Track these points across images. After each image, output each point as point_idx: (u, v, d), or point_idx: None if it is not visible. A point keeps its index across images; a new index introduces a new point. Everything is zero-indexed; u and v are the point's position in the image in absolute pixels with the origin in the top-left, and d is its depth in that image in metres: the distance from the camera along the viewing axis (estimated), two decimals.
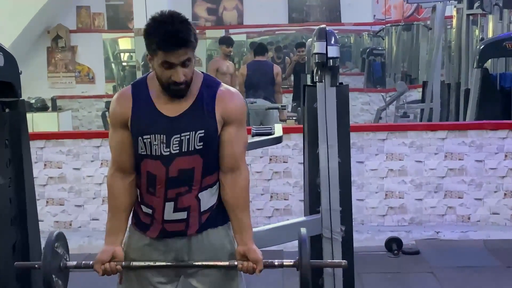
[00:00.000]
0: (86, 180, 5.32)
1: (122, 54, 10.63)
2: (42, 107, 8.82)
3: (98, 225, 5.28)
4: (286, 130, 4.99)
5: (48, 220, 5.20)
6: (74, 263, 2.27)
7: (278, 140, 3.79)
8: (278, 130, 3.84)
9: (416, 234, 5.14)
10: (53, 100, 8.95)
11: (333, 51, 3.51)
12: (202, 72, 2.29)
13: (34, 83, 8.98)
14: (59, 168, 5.31)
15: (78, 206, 5.32)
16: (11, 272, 3.33)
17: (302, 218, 3.66)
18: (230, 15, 9.70)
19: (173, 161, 2.17)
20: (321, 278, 3.63)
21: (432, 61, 7.58)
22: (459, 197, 5.23)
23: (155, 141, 2.17)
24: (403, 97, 8.44)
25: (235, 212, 2.28)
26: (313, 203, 3.62)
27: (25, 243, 3.42)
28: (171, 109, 2.18)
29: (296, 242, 3.73)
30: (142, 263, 2.27)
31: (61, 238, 2.25)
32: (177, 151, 2.17)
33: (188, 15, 2.21)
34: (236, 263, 2.25)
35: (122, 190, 2.26)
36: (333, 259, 3.61)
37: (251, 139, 4.03)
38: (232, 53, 7.70)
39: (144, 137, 2.17)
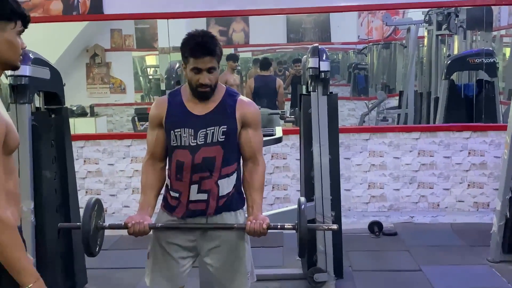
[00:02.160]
0: (119, 174, 5.32)
1: (148, 69, 10.62)
2: (82, 113, 8.81)
3: (129, 212, 5.29)
4: (285, 132, 4.99)
5: None
6: (107, 224, 2.25)
7: (279, 140, 3.79)
8: (278, 132, 3.84)
9: (394, 218, 5.16)
10: (91, 107, 8.93)
11: (324, 66, 3.53)
12: (225, 86, 2.35)
13: (76, 93, 8.98)
14: (96, 164, 5.32)
15: (112, 196, 5.33)
16: (57, 253, 3.34)
17: None
18: (238, 36, 9.66)
19: (198, 150, 2.22)
20: (314, 255, 3.64)
21: (407, 74, 7.55)
22: (430, 188, 5.22)
23: (184, 133, 2.23)
24: (383, 104, 8.40)
25: (250, 191, 2.30)
26: (308, 193, 3.63)
27: (69, 229, 3.43)
28: (199, 109, 2.25)
29: None
30: (165, 226, 2.29)
31: (98, 203, 2.22)
32: (203, 142, 2.22)
33: None
34: (245, 225, 2.24)
35: (152, 173, 2.32)
36: (324, 240, 3.61)
37: None
38: (238, 68, 7.67)
39: (176, 130, 2.23)
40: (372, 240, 4.68)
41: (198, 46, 2.15)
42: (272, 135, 3.78)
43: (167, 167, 2.34)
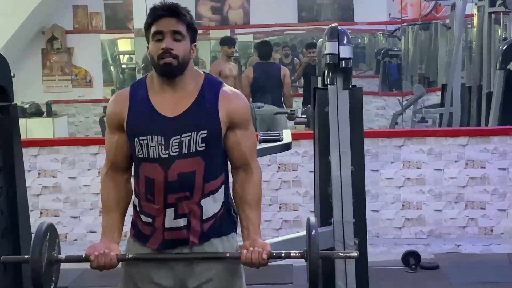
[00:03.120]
0: (83, 190, 5.32)
1: (121, 56, 10.64)
2: (36, 112, 8.83)
3: (95, 238, 5.25)
4: (295, 136, 4.98)
5: None
6: (64, 256, 2.24)
7: (287, 147, 3.79)
8: (286, 136, 3.84)
9: (435, 247, 5.13)
10: (48, 104, 8.96)
11: (345, 52, 3.51)
12: (204, 72, 2.32)
13: (28, 87, 9.00)
14: (53, 177, 5.31)
15: (74, 218, 5.32)
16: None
17: None
18: (235, 14, 9.68)
19: (172, 164, 2.18)
20: None
21: (451, 63, 7.55)
22: (481, 208, 5.21)
23: (152, 142, 2.18)
24: (421, 101, 8.42)
25: (243, 208, 2.28)
26: (324, 214, 3.61)
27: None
28: (170, 108, 2.20)
29: None
30: (138, 256, 2.28)
31: (50, 229, 2.21)
32: (177, 153, 2.18)
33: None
34: (239, 254, 2.22)
35: (114, 188, 2.30)
36: (346, 275, 3.60)
37: (258, 146, 4.02)
38: (235, 54, 7.68)
39: (140, 138, 2.19)
40: (407, 276, 4.66)
41: (159, 6, 2.20)
42: (278, 140, 3.78)
43: (133, 181, 2.32)
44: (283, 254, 2.24)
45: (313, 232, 2.19)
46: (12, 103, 3.48)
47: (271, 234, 5.16)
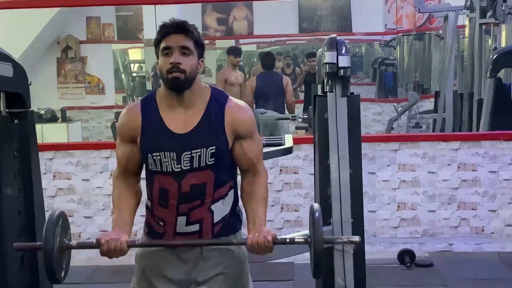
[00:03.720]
0: (95, 192, 5.33)
1: (132, 65, 10.67)
2: (51, 118, 8.85)
3: None
4: (296, 141, 4.99)
5: None
6: (75, 242, 2.23)
7: (289, 150, 3.79)
8: (288, 140, 3.84)
9: (429, 246, 5.13)
10: (63, 111, 8.97)
11: (344, 61, 3.50)
12: (210, 86, 2.33)
13: (44, 94, 9.02)
14: (68, 179, 5.33)
15: (87, 218, 5.33)
16: (20, 284, 3.33)
17: None
18: (240, 25, 9.72)
19: (184, 177, 2.21)
20: None
21: (444, 71, 7.54)
22: (473, 209, 5.20)
23: (165, 158, 2.21)
24: (415, 107, 8.40)
25: (250, 204, 2.28)
26: (324, 215, 3.58)
27: (34, 255, 3.42)
28: (180, 125, 2.22)
29: (307, 254, 3.72)
30: (147, 242, 2.30)
31: (62, 217, 2.20)
32: (188, 167, 2.20)
33: (197, 25, 2.28)
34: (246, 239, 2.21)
35: (126, 187, 2.31)
36: (344, 272, 3.59)
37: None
38: (240, 63, 7.70)
39: (154, 154, 2.21)
40: (402, 273, 4.66)
41: (168, 24, 2.22)
42: (280, 144, 3.78)
43: (146, 187, 2.33)
44: (287, 240, 2.25)
45: (317, 215, 2.17)
46: (29, 109, 3.48)
47: None
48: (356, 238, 2.29)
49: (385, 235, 5.25)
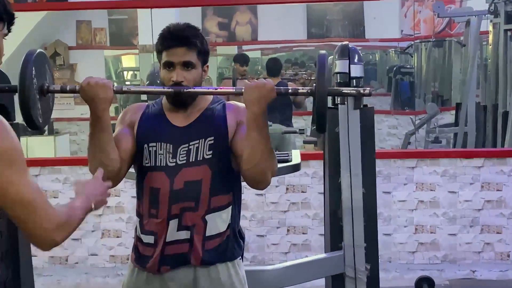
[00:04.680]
0: None
1: (125, 73, 10.69)
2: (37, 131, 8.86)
3: (97, 261, 5.27)
4: (304, 157, 4.98)
5: (42, 255, 5.19)
6: (59, 86, 2.24)
7: (296, 167, 3.77)
8: (295, 156, 3.84)
9: (450, 273, 5.10)
10: (50, 122, 8.98)
11: (356, 70, 3.52)
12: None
13: None
14: (55, 197, 5.31)
15: (75, 240, 5.31)
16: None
17: (323, 255, 3.64)
18: (243, 30, 9.74)
19: (179, 173, 2.24)
20: None
21: (466, 81, 7.54)
22: (498, 232, 5.19)
23: (160, 150, 2.26)
24: (435, 120, 8.39)
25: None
26: (334, 238, 3.60)
27: (17, 280, 3.42)
28: (180, 119, 2.30)
29: (316, 282, 3.72)
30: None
31: (43, 57, 2.21)
32: (184, 161, 2.25)
33: None
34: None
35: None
36: None
37: None
38: (246, 73, 7.72)
39: (150, 144, 2.27)
40: None
41: (169, 34, 2.27)
42: (286, 160, 3.76)
43: (137, 202, 2.36)
44: (290, 90, 2.29)
45: (322, 63, 2.20)
46: (14, 121, 3.49)
47: (279, 258, 5.16)
48: (367, 90, 2.36)
49: (402, 260, 5.24)
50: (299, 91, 2.27)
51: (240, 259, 2.39)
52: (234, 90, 2.29)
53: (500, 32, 7.05)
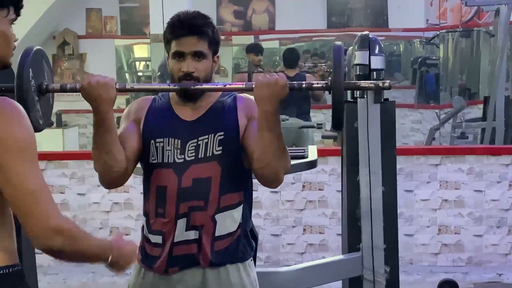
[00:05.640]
0: (92, 208, 5.34)
1: (137, 63, 10.71)
2: None
3: None
4: (322, 153, 4.98)
5: None
6: (58, 85, 2.20)
7: (312, 164, 3.76)
8: (312, 153, 3.82)
9: (475, 276, 5.07)
10: (58, 115, 9.01)
11: (377, 62, 3.49)
12: None
13: None
14: (61, 193, 5.35)
15: None
16: None
17: (340, 257, 3.63)
18: (260, 19, 9.72)
19: (187, 170, 2.22)
20: None
21: (495, 73, 7.48)
22: None
23: (168, 145, 2.24)
24: (461, 115, 8.35)
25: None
26: (352, 239, 3.58)
27: (17, 226, 3.43)
28: (189, 112, 2.28)
29: (333, 284, 3.70)
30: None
31: (41, 55, 2.18)
32: (193, 157, 2.23)
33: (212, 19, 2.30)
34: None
35: None
36: None
37: None
38: (262, 62, 7.70)
39: (157, 140, 2.25)
40: None
41: (179, 22, 2.23)
42: (302, 157, 3.75)
43: (143, 200, 2.34)
44: (304, 85, 2.23)
45: (339, 55, 2.18)
46: None
47: (294, 259, 5.15)
48: (386, 83, 2.31)
49: (424, 262, 5.22)
50: (313, 85, 2.24)
51: (251, 260, 2.37)
52: (244, 86, 2.25)
53: None
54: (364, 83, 2.57)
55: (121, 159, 2.21)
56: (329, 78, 2.17)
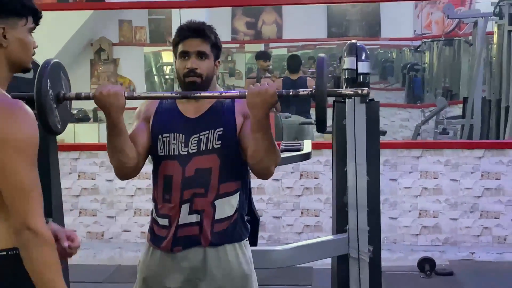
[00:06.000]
0: (118, 192, 5.32)
1: (164, 67, 10.70)
2: (83, 118, 8.89)
3: (129, 237, 5.28)
4: (318, 146, 4.94)
5: (80, 231, 5.22)
6: (74, 94, 2.15)
7: (307, 156, 3.72)
8: (307, 146, 3.77)
9: (451, 254, 5.02)
10: (94, 111, 9.01)
11: (363, 67, 3.43)
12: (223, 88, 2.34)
13: None
14: (92, 179, 5.33)
15: (110, 218, 5.32)
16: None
17: (329, 237, 3.58)
18: (269, 29, 9.65)
19: (190, 161, 2.20)
20: None
21: (472, 77, 7.39)
22: (496, 218, 5.08)
23: (173, 140, 2.22)
24: (443, 113, 8.26)
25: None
26: (340, 222, 3.52)
27: None
28: (192, 110, 2.25)
29: (326, 260, 3.65)
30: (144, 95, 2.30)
31: (58, 67, 2.12)
32: (195, 150, 2.20)
33: (227, 29, 2.32)
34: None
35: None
36: (359, 280, 3.50)
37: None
38: (270, 67, 7.64)
39: (164, 135, 2.23)
40: (421, 281, 4.54)
41: (186, 27, 2.24)
42: (298, 150, 3.71)
43: (152, 188, 2.32)
44: (291, 93, 2.16)
45: (322, 66, 2.10)
46: None
47: (293, 238, 5.11)
48: (365, 90, 2.24)
49: (406, 242, 5.17)
50: (300, 93, 2.16)
51: (247, 240, 2.34)
52: (238, 94, 2.20)
53: (504, 33, 6.90)
54: (345, 91, 2.50)
55: (133, 156, 2.19)
56: (314, 87, 2.09)
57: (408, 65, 9.96)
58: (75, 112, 8.80)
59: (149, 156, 2.31)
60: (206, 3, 6.09)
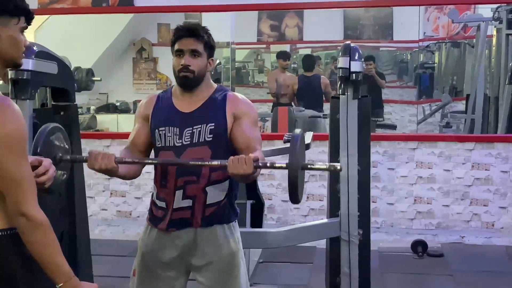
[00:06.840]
0: (145, 176, 5.16)
1: None
2: (125, 109, 8.95)
3: None
4: (322, 137, 4.85)
5: (111, 210, 5.25)
6: (68, 156, 2.11)
7: (307, 147, 3.64)
8: (307, 137, 3.70)
9: (442, 237, 4.92)
10: (135, 103, 9.06)
11: (356, 66, 3.35)
12: (217, 84, 2.33)
13: (121, 89, 9.17)
14: None
15: (138, 198, 5.34)
16: None
17: (323, 221, 3.53)
18: (291, 31, 9.53)
19: (184, 152, 2.17)
20: (338, 277, 3.47)
21: (474, 77, 7.23)
22: (484, 205, 4.96)
23: (169, 133, 2.19)
24: (448, 108, 8.09)
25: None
26: (333, 207, 3.47)
27: (73, 233, 3.41)
28: (186, 106, 2.22)
29: (321, 242, 3.56)
30: (136, 161, 2.20)
31: (58, 129, 2.09)
32: (188, 142, 2.17)
33: (253, 31, 2.27)
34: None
35: (129, 155, 2.26)
36: (349, 261, 3.43)
37: (282, 145, 3.93)
38: (292, 65, 7.59)
39: (160, 129, 2.21)
40: (414, 262, 4.44)
41: (182, 27, 2.22)
42: None
43: (154, 174, 2.31)
44: (268, 164, 2.04)
45: (295, 141, 2.00)
46: (73, 103, 3.45)
47: (299, 220, 5.06)
48: (337, 166, 2.11)
49: (402, 225, 5.08)
50: (275, 165, 2.05)
51: (235, 222, 2.32)
52: (219, 164, 2.05)
53: (502, 36, 6.73)
54: (318, 164, 2.23)
55: (134, 172, 2.25)
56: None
57: (419, 65, 9.80)
58: (118, 104, 8.89)
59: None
60: (227, 7, 6.02)
